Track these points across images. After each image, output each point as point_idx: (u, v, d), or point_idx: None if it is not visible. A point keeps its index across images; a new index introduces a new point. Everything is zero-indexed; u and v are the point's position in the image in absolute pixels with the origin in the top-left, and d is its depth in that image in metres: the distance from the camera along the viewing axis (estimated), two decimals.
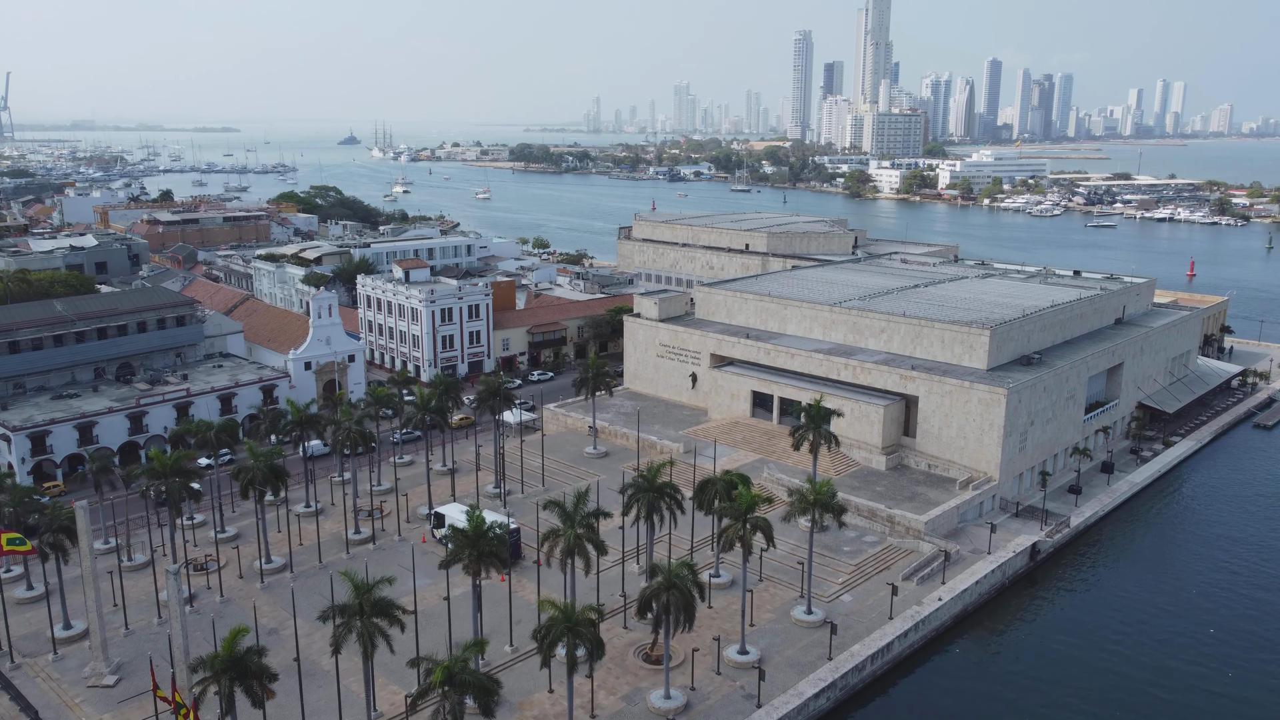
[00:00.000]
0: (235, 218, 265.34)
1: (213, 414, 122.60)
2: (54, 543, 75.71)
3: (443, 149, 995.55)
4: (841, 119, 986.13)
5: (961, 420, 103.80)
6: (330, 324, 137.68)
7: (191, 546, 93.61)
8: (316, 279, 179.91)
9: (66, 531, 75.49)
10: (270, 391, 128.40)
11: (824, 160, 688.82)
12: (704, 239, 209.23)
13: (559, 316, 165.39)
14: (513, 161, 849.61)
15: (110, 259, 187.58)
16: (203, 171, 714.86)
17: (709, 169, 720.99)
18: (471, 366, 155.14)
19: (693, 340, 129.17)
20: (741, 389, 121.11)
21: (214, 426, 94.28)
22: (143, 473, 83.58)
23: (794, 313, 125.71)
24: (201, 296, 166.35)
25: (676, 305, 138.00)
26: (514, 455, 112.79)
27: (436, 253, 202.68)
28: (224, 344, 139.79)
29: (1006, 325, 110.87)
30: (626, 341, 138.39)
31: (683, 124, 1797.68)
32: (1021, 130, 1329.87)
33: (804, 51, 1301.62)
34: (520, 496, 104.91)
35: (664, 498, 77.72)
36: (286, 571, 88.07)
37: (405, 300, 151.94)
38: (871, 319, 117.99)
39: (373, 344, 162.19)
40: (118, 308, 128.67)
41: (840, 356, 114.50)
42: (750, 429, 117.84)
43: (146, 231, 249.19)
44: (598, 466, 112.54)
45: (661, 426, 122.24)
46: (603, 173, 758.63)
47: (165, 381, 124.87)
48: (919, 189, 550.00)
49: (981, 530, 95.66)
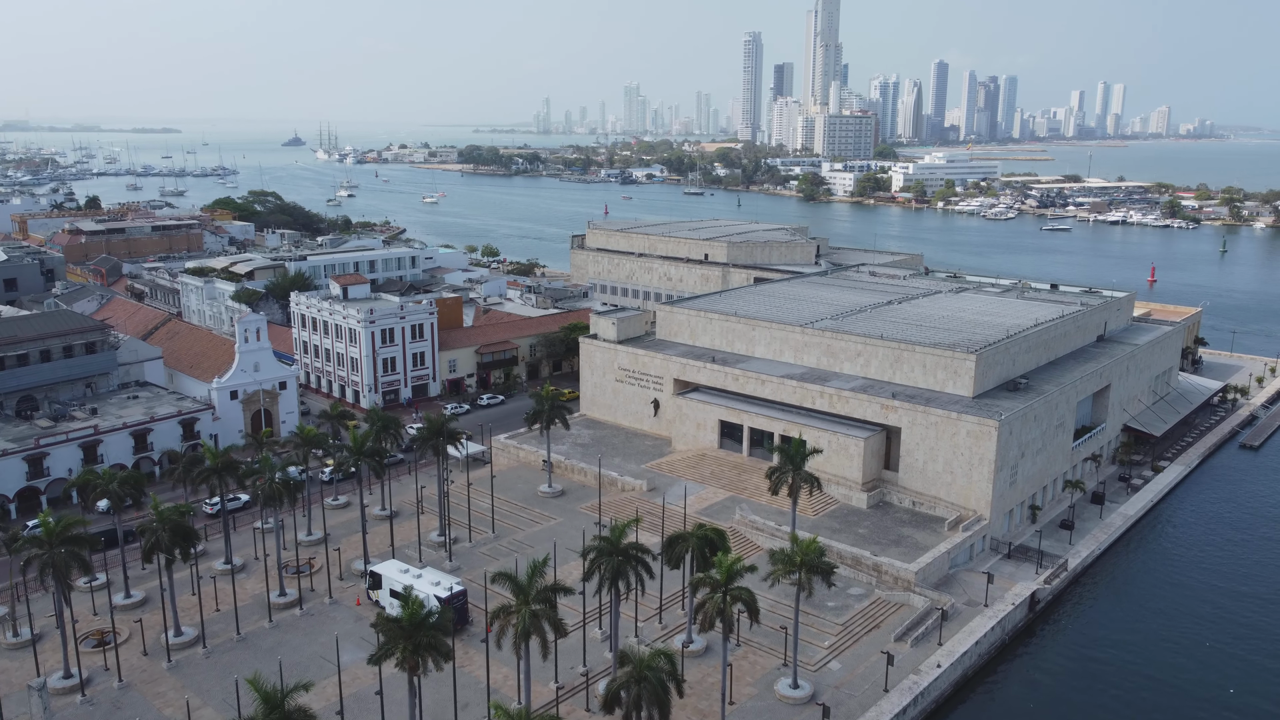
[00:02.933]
0: (165, 226, 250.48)
1: (125, 454, 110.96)
2: None
3: (389, 151, 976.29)
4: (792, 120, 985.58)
5: (949, 454, 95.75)
6: (258, 348, 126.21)
7: (90, 615, 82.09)
8: (248, 295, 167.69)
9: None
10: (191, 426, 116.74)
11: (777, 163, 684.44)
12: (661, 249, 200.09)
13: (510, 335, 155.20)
14: (461, 164, 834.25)
15: (20, 275, 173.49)
16: (139, 175, 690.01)
17: (661, 171, 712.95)
18: (416, 391, 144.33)
19: (654, 364, 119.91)
20: (708, 418, 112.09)
21: (115, 478, 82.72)
22: (25, 543, 72.02)
23: (762, 334, 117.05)
24: (119, 317, 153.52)
25: (636, 325, 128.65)
26: (460, 495, 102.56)
27: (379, 265, 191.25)
28: (141, 372, 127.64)
29: (992, 349, 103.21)
30: (583, 364, 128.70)
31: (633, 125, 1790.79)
32: (968, 131, 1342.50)
33: (754, 53, 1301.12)
34: (468, 545, 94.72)
35: (630, 562, 68.23)
36: (199, 646, 77.03)
37: (342, 320, 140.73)
38: (846, 341, 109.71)
39: (309, 367, 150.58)
40: (16, 335, 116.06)
41: (814, 383, 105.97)
42: (719, 462, 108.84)
43: (68, 242, 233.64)
44: (554, 508, 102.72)
45: (622, 460, 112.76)
46: (553, 175, 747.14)
47: (71, 417, 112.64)
48: (873, 192, 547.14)
49: (974, 577, 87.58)
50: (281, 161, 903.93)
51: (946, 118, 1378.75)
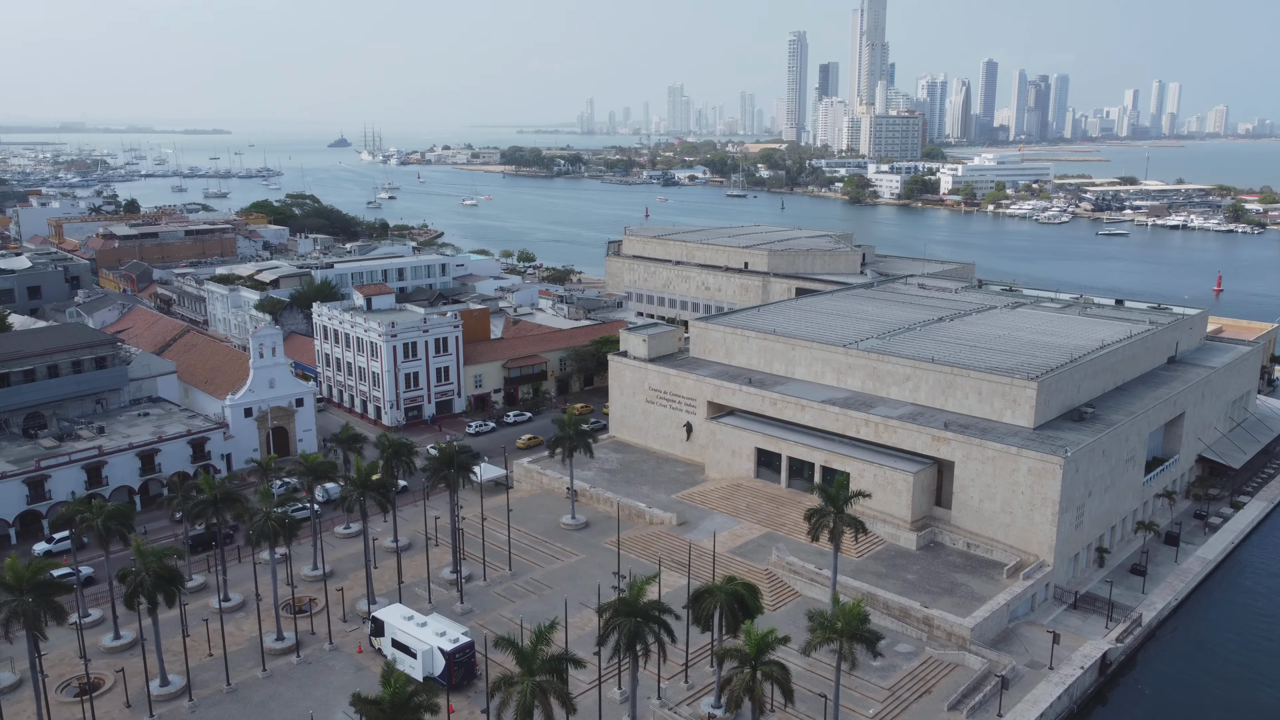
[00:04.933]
0: (198, 231, 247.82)
1: (131, 476, 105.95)
2: None
3: (433, 152, 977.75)
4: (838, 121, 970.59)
5: (1007, 493, 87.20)
6: (274, 364, 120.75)
7: (76, 658, 76.52)
8: (272, 304, 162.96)
9: None
10: (201, 446, 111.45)
11: (821, 164, 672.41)
12: (699, 256, 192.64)
13: (539, 348, 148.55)
14: (503, 165, 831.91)
15: (45, 283, 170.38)
16: (184, 176, 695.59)
17: (703, 173, 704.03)
18: (439, 407, 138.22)
19: (686, 385, 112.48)
20: (744, 445, 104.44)
21: (103, 511, 77.12)
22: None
23: (803, 354, 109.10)
24: (139, 328, 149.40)
25: (668, 342, 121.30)
26: (476, 525, 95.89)
27: (408, 273, 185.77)
28: (154, 387, 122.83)
29: (1055, 375, 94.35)
30: (612, 383, 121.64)
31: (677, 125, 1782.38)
32: (1018, 132, 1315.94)
33: (799, 53, 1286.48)
34: (482, 584, 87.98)
35: (650, 624, 60.94)
36: (185, 698, 71.06)
37: (364, 333, 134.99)
38: (894, 364, 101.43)
39: (331, 381, 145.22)
40: (22, 350, 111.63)
41: (858, 410, 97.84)
42: (755, 494, 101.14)
43: (101, 246, 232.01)
44: (576, 542, 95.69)
45: (651, 488, 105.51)
46: (595, 176, 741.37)
47: (77, 436, 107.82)
48: (920, 194, 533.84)
49: (1037, 633, 79.06)
50: (325, 163, 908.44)
51: (996, 118, 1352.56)
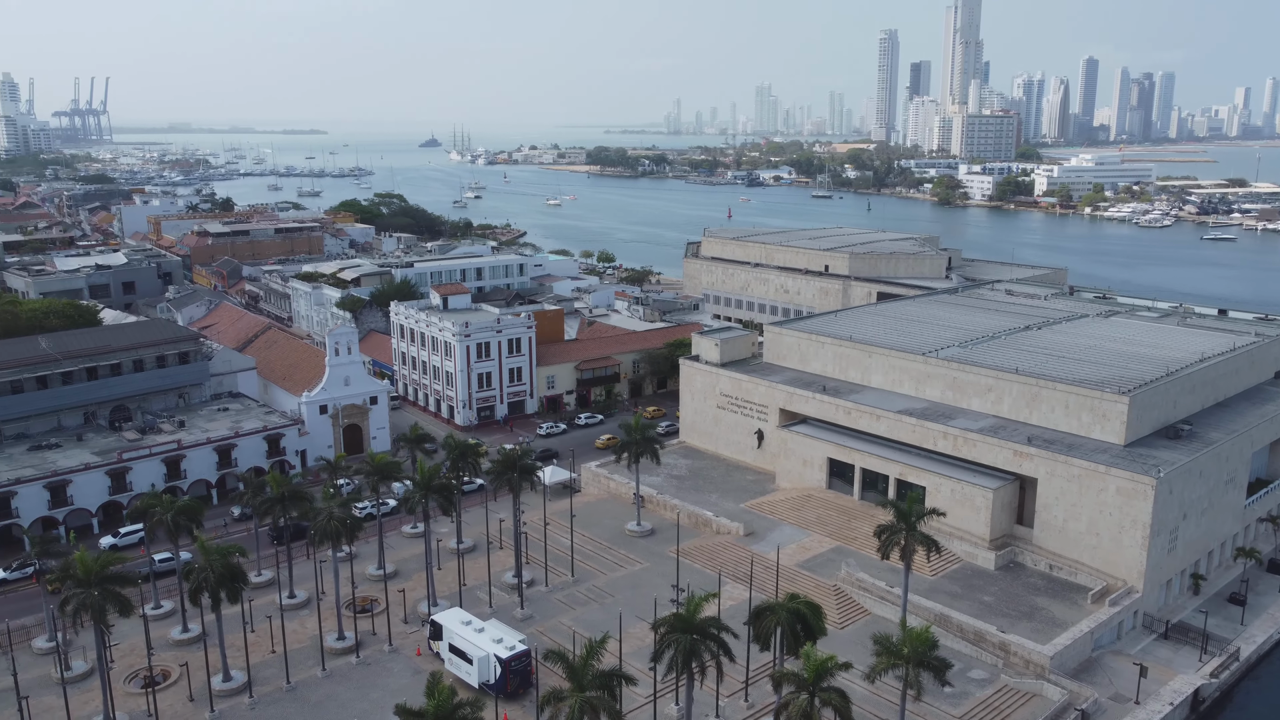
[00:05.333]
0: (287, 229, 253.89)
1: (208, 469, 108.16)
2: None
3: (520, 152, 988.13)
4: (929, 120, 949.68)
5: (1093, 513, 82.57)
6: (349, 362, 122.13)
7: (144, 650, 77.79)
8: (352, 302, 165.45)
9: None
10: (276, 442, 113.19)
11: (910, 164, 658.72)
12: (778, 258, 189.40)
13: (612, 350, 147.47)
14: (588, 165, 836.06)
15: (138, 278, 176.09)
16: (281, 175, 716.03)
17: (789, 173, 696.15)
18: (512, 408, 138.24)
19: (758, 391, 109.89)
20: (815, 455, 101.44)
21: (173, 506, 78.42)
22: (59, 577, 68.00)
23: (879, 361, 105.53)
24: (223, 324, 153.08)
25: (741, 347, 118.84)
26: (541, 529, 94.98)
27: (486, 273, 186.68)
28: (234, 382, 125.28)
29: (1148, 389, 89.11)
30: (682, 388, 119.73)
31: (764, 125, 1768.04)
32: (1119, 131, 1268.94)
33: (889, 51, 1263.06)
34: (544, 589, 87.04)
35: (706, 642, 58.88)
36: (245, 694, 71.63)
37: (438, 332, 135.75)
38: (975, 374, 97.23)
39: (407, 379, 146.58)
40: (110, 345, 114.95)
41: (936, 421, 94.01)
42: (826, 505, 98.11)
43: (195, 243, 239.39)
44: (640, 550, 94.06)
45: (719, 496, 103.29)
46: (679, 176, 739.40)
47: (158, 429, 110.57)
48: (1013, 196, 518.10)
49: (1123, 663, 74.54)
50: (415, 163, 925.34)
51: (1096, 117, 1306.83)
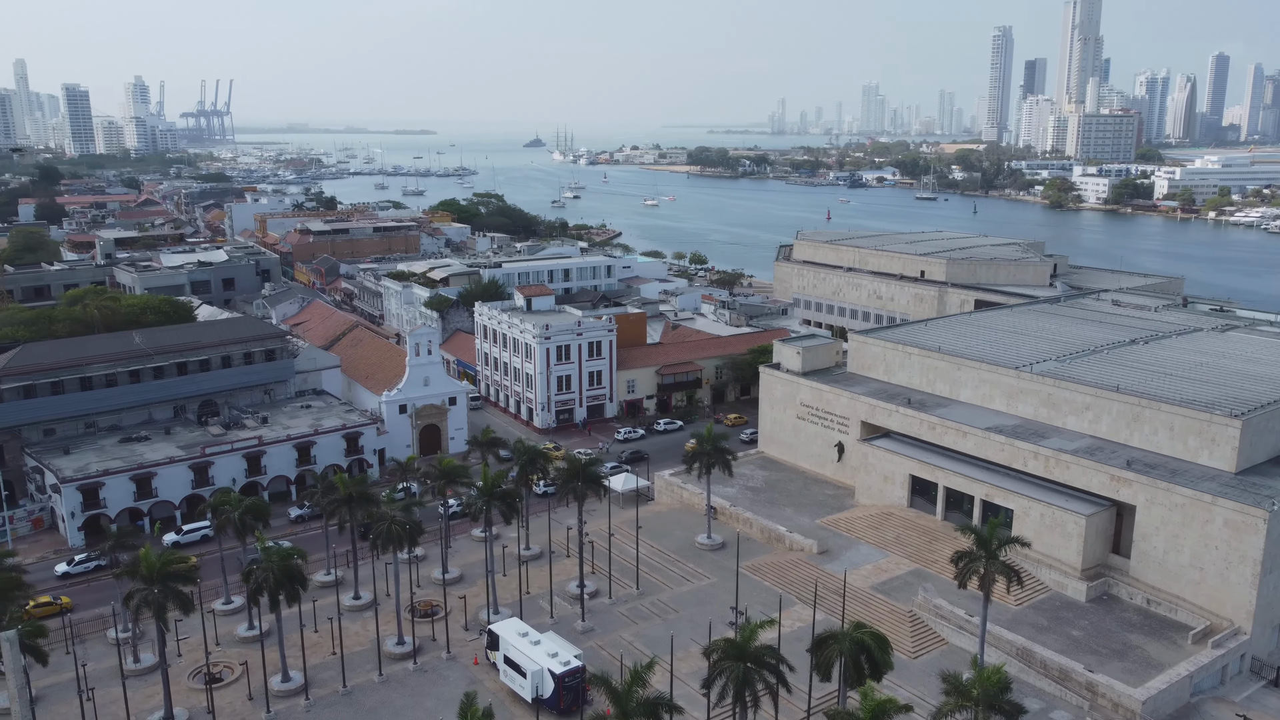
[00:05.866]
0: (385, 228, 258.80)
1: (288, 466, 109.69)
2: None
3: (621, 152, 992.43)
4: (1043, 120, 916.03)
5: (1198, 545, 76.33)
6: (429, 362, 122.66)
7: (213, 645, 78.91)
8: (439, 302, 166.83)
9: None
10: (355, 440, 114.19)
11: (1021, 165, 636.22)
12: (872, 263, 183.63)
13: (694, 355, 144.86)
14: (688, 165, 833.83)
15: (238, 275, 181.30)
16: (388, 175, 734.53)
17: (893, 174, 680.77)
18: (591, 411, 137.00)
19: (839, 403, 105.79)
20: (897, 471, 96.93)
21: (241, 504, 79.24)
22: (124, 571, 69.12)
23: (969, 375, 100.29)
24: (314, 321, 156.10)
25: (824, 356, 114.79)
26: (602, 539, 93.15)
27: (573, 274, 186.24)
28: (319, 380, 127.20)
29: (1264, 412, 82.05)
30: (762, 396, 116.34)
31: (870, 125, 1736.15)
32: (1250, 132, 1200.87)
33: (1003, 48, 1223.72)
34: (607, 601, 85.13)
35: (761, 671, 55.93)
36: (302, 696, 71.68)
37: (519, 334, 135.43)
38: (1072, 391, 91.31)
39: (489, 380, 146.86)
40: (200, 341, 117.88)
41: (1027, 441, 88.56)
42: (906, 525, 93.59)
43: (297, 241, 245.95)
44: (709, 564, 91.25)
45: (794, 511, 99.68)
46: (780, 177, 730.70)
47: (242, 425, 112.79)
48: (1130, 199, 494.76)
49: (1224, 711, 68.55)
50: (519, 162, 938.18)
51: (1225, 116, 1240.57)
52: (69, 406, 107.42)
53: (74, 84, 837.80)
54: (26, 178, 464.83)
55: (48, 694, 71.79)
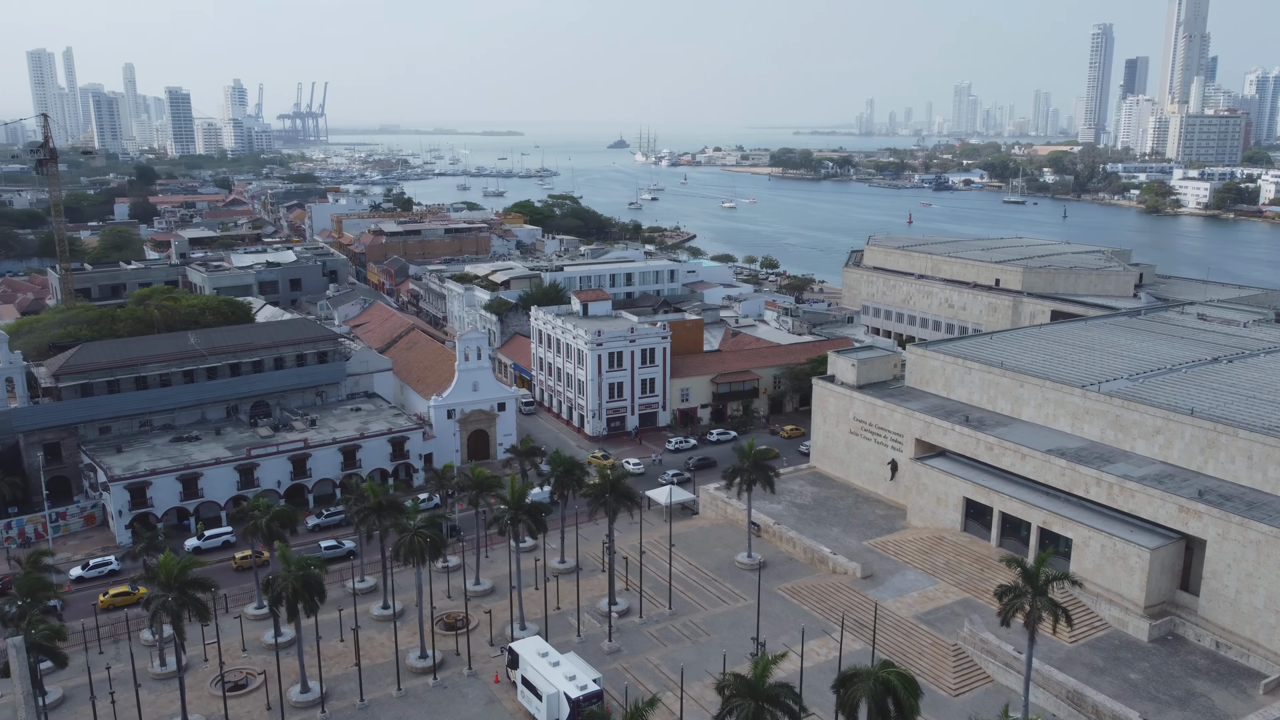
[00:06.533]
0: (456, 229, 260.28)
1: (333, 469, 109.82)
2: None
3: (703, 153, 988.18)
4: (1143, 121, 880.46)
5: (1275, 586, 70.12)
6: (478, 367, 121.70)
7: (238, 652, 78.78)
8: (499, 305, 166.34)
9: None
10: (401, 445, 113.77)
11: (1117, 168, 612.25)
12: (945, 270, 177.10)
13: (752, 364, 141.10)
14: (770, 167, 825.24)
15: (305, 276, 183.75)
16: (471, 176, 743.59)
17: (981, 176, 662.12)
18: (643, 419, 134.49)
19: (894, 418, 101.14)
20: (951, 493, 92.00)
21: (269, 511, 78.79)
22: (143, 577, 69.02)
23: (1032, 392, 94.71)
24: (374, 323, 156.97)
25: (881, 368, 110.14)
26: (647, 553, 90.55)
27: (635, 278, 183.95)
28: (371, 383, 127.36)
29: None
30: (815, 409, 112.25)
31: (961, 126, 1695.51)
32: None
33: (1102, 47, 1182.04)
34: (637, 620, 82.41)
35: (775, 710, 52.54)
36: (318, 709, 70.70)
37: (572, 339, 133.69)
38: (1142, 413, 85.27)
39: (544, 385, 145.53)
40: (253, 342, 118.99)
41: (1091, 465, 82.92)
42: (958, 550, 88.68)
43: (370, 241, 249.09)
44: (747, 584, 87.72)
45: (842, 531, 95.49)
46: (863, 180, 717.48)
47: (290, 427, 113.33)
48: (1233, 204, 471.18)
49: None
50: (600, 164, 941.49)
51: None
52: (124, 405, 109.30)
53: (176, 87, 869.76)
54: (126, 178, 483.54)
55: (75, 694, 72.20)
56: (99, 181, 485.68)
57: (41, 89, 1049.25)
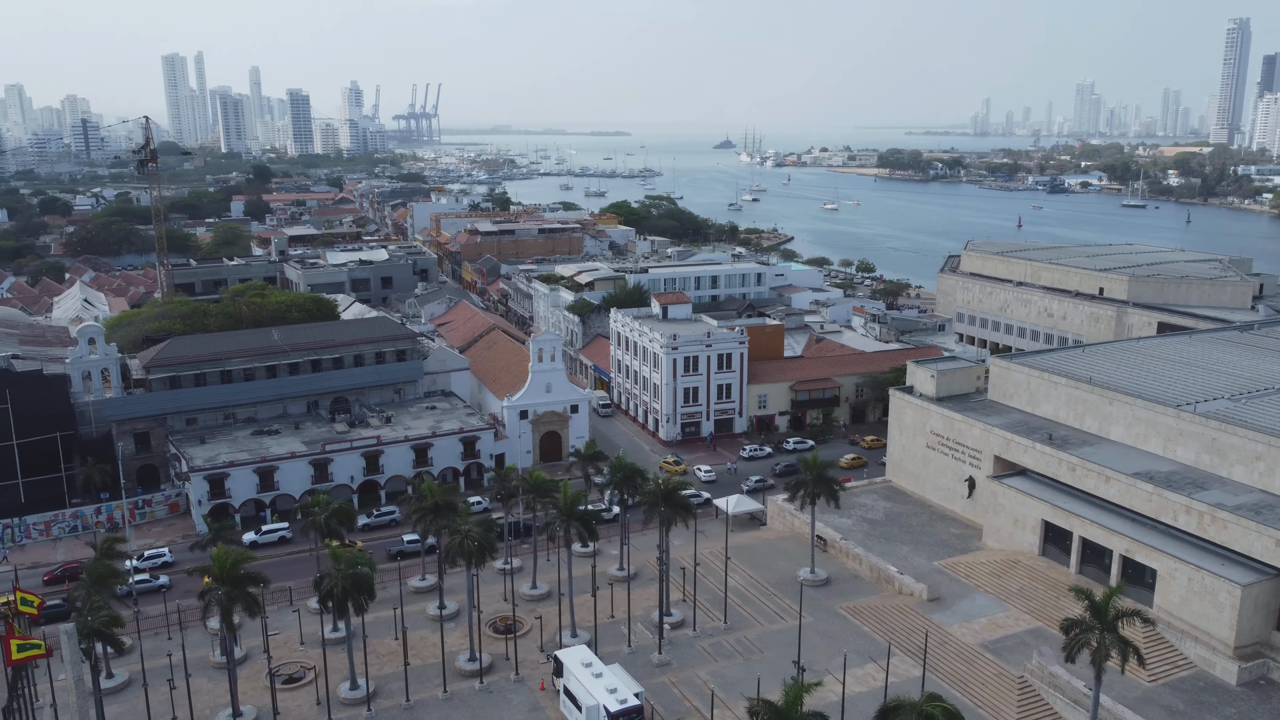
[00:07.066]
0: (550, 229, 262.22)
1: (405, 466, 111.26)
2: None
3: (809, 154, 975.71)
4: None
5: None
6: (552, 369, 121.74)
7: (296, 645, 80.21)
8: (582, 306, 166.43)
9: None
10: (472, 444, 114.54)
11: (1250, 170, 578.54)
12: (1045, 278, 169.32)
13: (834, 371, 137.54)
14: (878, 168, 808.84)
15: (396, 274, 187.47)
16: (575, 175, 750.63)
17: (1099, 179, 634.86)
18: (719, 425, 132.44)
19: (972, 433, 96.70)
20: (1028, 514, 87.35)
21: (328, 508, 79.99)
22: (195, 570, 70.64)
23: (1121, 411, 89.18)
24: (457, 322, 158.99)
25: (963, 380, 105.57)
26: (707, 563, 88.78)
27: (721, 281, 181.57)
28: (448, 381, 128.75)
29: None
30: (891, 421, 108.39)
31: (1083, 126, 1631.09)
32: None
33: (1238, 42, 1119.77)
34: (690, 633, 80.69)
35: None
36: (365, 707, 71.25)
37: (648, 342, 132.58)
38: (1241, 437, 79.25)
39: (621, 387, 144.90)
40: (334, 339, 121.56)
41: (1181, 491, 77.44)
42: (1033, 575, 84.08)
43: (465, 241, 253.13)
44: (808, 601, 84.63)
45: (912, 549, 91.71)
46: (974, 181, 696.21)
47: (366, 423, 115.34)
48: None
49: None
50: (705, 164, 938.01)
51: None
52: (208, 398, 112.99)
53: (297, 89, 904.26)
54: (245, 176, 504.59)
55: (138, 678, 74.44)
56: (221, 180, 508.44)
57: (174, 91, 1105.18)
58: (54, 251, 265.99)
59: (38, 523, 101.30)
